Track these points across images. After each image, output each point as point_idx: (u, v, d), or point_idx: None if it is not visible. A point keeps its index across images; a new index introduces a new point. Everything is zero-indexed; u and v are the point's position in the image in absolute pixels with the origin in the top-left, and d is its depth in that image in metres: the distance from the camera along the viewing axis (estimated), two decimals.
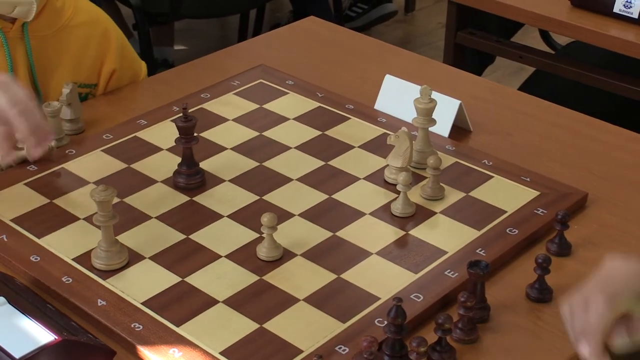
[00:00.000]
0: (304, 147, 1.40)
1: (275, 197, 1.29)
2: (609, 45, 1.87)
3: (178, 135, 1.29)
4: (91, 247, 1.17)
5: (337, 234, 1.22)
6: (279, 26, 2.04)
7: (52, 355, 0.97)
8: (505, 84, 1.65)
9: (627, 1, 1.84)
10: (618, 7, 1.86)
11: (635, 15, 1.83)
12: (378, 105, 1.50)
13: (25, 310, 1.01)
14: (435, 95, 1.35)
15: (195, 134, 1.30)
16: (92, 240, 1.17)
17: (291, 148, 1.40)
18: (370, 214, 1.26)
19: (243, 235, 1.21)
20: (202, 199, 1.28)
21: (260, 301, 1.10)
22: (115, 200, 1.19)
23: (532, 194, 1.29)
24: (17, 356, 0.95)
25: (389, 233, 1.22)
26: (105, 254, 1.14)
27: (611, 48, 1.87)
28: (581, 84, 2.04)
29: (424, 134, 1.35)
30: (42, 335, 0.97)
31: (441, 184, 1.30)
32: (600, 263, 1.15)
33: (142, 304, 1.09)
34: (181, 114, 1.28)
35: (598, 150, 1.41)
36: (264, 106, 1.50)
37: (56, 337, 0.97)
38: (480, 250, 1.18)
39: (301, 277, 1.14)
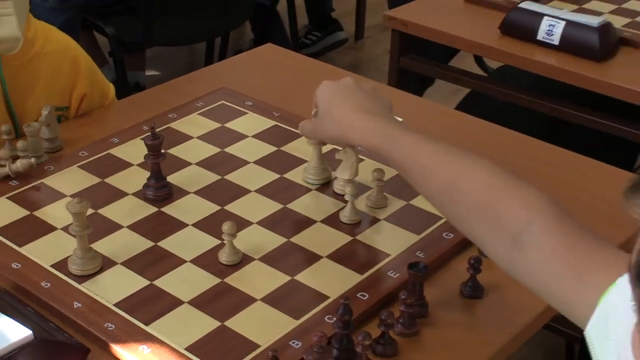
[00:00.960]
0: (261, 162, 1.39)
1: (235, 207, 1.28)
2: (534, 68, 1.89)
3: (147, 152, 1.28)
4: (68, 254, 1.15)
5: (291, 239, 1.21)
6: (241, 52, 2.03)
7: (30, 353, 0.96)
8: (443, 104, 1.65)
9: (548, 30, 1.87)
10: (541, 35, 1.88)
11: (557, 42, 1.86)
12: None
13: (5, 312, 1.00)
14: None
15: (162, 151, 1.29)
16: (68, 248, 1.16)
17: (250, 162, 1.39)
18: (321, 221, 1.26)
19: (206, 241, 1.20)
20: (169, 209, 1.27)
21: (221, 301, 1.09)
22: (90, 211, 1.18)
23: None
24: None
25: (338, 238, 1.22)
26: (81, 260, 1.13)
27: (536, 71, 1.90)
28: (511, 104, 2.06)
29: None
30: (21, 334, 0.96)
31: (385, 193, 1.30)
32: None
33: (114, 305, 1.08)
34: (149, 133, 1.27)
35: (526, 164, 1.42)
36: (226, 125, 1.50)
37: (34, 337, 0.96)
38: (419, 253, 1.18)
39: (259, 279, 1.14)
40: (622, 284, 0.68)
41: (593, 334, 0.72)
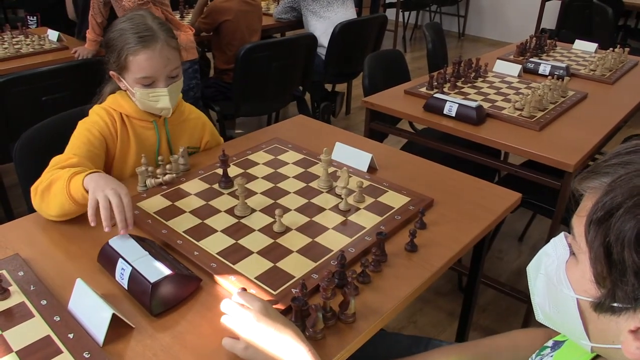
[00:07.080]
0: (296, 177, 1.33)
1: (282, 201, 1.22)
2: (441, 129, 1.82)
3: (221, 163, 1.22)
4: (192, 225, 1.10)
5: (313, 219, 1.15)
6: (286, 118, 1.97)
7: (171, 280, 0.91)
8: (393, 147, 1.59)
9: (449, 108, 1.81)
10: (446, 111, 1.82)
11: (454, 115, 1.80)
12: (334, 157, 1.43)
13: (157, 258, 0.95)
14: (360, 151, 1.31)
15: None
16: (192, 222, 1.11)
17: (290, 177, 1.33)
18: (329, 209, 1.19)
19: (266, 219, 1.14)
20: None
21: (275, 252, 1.03)
22: (202, 203, 1.14)
23: (406, 199, 1.23)
24: (151, 281, 0.89)
25: (338, 219, 1.16)
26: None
27: (442, 130, 1.83)
28: (429, 148, 1.99)
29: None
30: (167, 271, 0.91)
31: (363, 194, 1.24)
32: (440, 235, 1.09)
33: (216, 253, 1.03)
34: (222, 154, 1.22)
35: (439, 178, 1.36)
36: (277, 157, 1.44)
37: (172, 272, 0.91)
38: (382, 227, 1.12)
39: (295, 240, 1.07)
40: (553, 242, 0.64)
41: (531, 270, 0.67)
